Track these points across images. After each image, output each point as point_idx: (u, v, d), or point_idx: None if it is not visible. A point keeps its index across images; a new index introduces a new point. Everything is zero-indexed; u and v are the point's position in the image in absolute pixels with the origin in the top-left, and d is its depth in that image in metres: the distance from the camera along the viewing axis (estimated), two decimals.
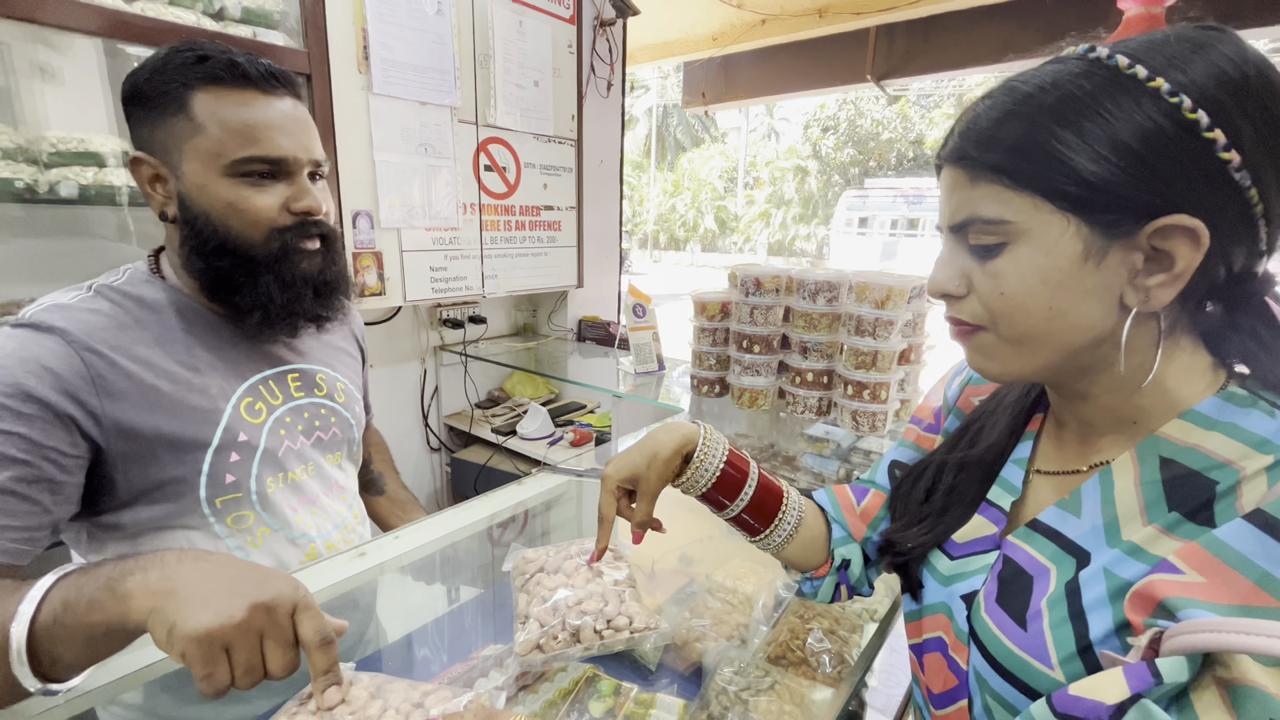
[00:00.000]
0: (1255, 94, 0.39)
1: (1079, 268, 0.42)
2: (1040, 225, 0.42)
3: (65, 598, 0.49)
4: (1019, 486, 0.55)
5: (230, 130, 0.68)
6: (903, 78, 3.16)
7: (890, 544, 0.62)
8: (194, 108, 0.68)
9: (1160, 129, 0.38)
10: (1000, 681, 0.48)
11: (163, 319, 0.72)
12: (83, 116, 1.32)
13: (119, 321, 0.69)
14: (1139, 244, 0.41)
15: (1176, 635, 0.34)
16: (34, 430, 0.60)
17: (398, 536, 0.92)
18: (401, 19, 1.65)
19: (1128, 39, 0.42)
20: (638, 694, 0.73)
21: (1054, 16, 2.42)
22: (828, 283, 1.33)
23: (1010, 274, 0.44)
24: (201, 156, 0.68)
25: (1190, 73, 0.39)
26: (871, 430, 1.32)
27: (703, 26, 3.37)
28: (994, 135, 0.43)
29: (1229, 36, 0.40)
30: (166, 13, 1.26)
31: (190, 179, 0.69)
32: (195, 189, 0.70)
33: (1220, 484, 0.41)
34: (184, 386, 0.71)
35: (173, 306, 0.73)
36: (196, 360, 0.73)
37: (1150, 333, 0.44)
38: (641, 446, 0.64)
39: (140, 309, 0.71)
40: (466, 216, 1.94)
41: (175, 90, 0.67)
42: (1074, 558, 0.46)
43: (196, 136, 0.68)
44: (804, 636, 0.83)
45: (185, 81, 0.68)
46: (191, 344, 0.73)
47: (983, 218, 0.44)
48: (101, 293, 0.70)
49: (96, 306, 0.68)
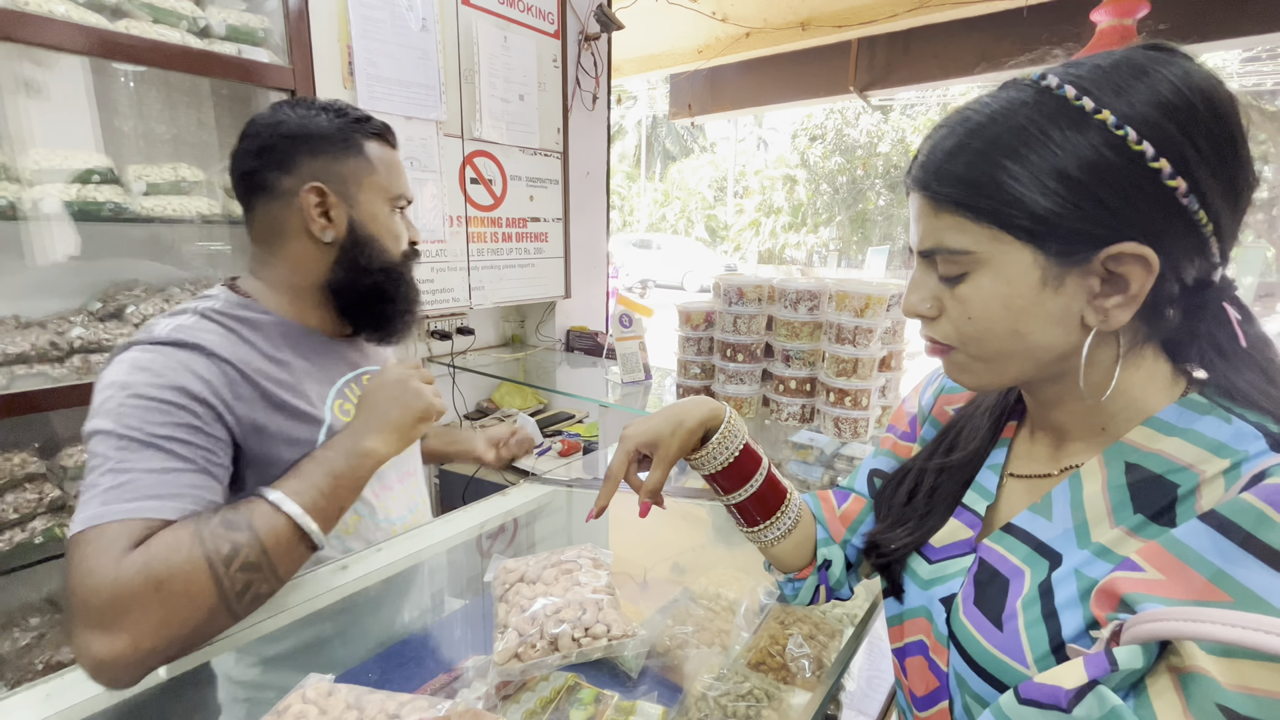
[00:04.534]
0: (1200, 119, 0.40)
1: (1039, 293, 0.44)
2: (1001, 255, 0.44)
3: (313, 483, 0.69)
4: (993, 491, 0.56)
5: (391, 172, 0.86)
6: (885, 89, 3.21)
7: (875, 545, 0.63)
8: (369, 153, 0.84)
9: (1107, 161, 0.40)
10: (979, 681, 0.49)
11: (265, 335, 0.81)
12: (67, 133, 1.33)
13: (232, 340, 0.77)
14: (1094, 269, 0.42)
15: (1133, 626, 0.35)
16: (205, 424, 0.69)
17: (380, 549, 0.92)
18: (386, 35, 1.67)
19: (1080, 62, 0.43)
20: (619, 701, 0.74)
21: (1029, 29, 2.48)
22: (809, 291, 1.34)
23: (975, 300, 0.46)
24: (376, 190, 0.85)
25: (1135, 102, 0.40)
26: (854, 436, 1.34)
27: (688, 40, 3.42)
28: (950, 168, 0.44)
29: (1177, 59, 0.42)
30: (151, 31, 1.26)
31: (365, 207, 0.84)
32: (368, 216, 0.84)
33: (1181, 487, 0.43)
34: (290, 392, 0.80)
35: (270, 324, 0.82)
36: (295, 369, 0.82)
37: (1111, 348, 0.46)
38: (666, 413, 0.64)
39: (245, 328, 0.79)
40: (453, 229, 1.95)
41: (356, 138, 0.83)
42: (1047, 560, 0.48)
43: (372, 175, 0.84)
44: (784, 642, 0.83)
45: (361, 132, 0.84)
46: (290, 356, 0.83)
47: (947, 248, 0.46)
48: (208, 316, 0.78)
49: (210, 328, 0.76)
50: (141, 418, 0.65)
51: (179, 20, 1.33)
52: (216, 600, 0.60)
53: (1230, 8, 2.23)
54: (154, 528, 0.60)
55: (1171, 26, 2.02)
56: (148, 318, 1.36)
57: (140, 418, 0.65)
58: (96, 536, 0.58)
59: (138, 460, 0.63)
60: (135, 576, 0.56)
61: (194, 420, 0.68)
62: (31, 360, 1.21)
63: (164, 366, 0.68)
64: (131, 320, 1.33)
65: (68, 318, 1.29)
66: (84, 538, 0.59)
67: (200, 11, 1.36)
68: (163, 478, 0.63)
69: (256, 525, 0.63)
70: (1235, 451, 0.41)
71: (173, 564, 0.58)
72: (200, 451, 0.67)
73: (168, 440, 0.65)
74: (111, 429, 0.64)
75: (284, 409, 0.78)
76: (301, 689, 0.56)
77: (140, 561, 0.57)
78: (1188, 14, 2.28)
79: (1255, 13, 2.23)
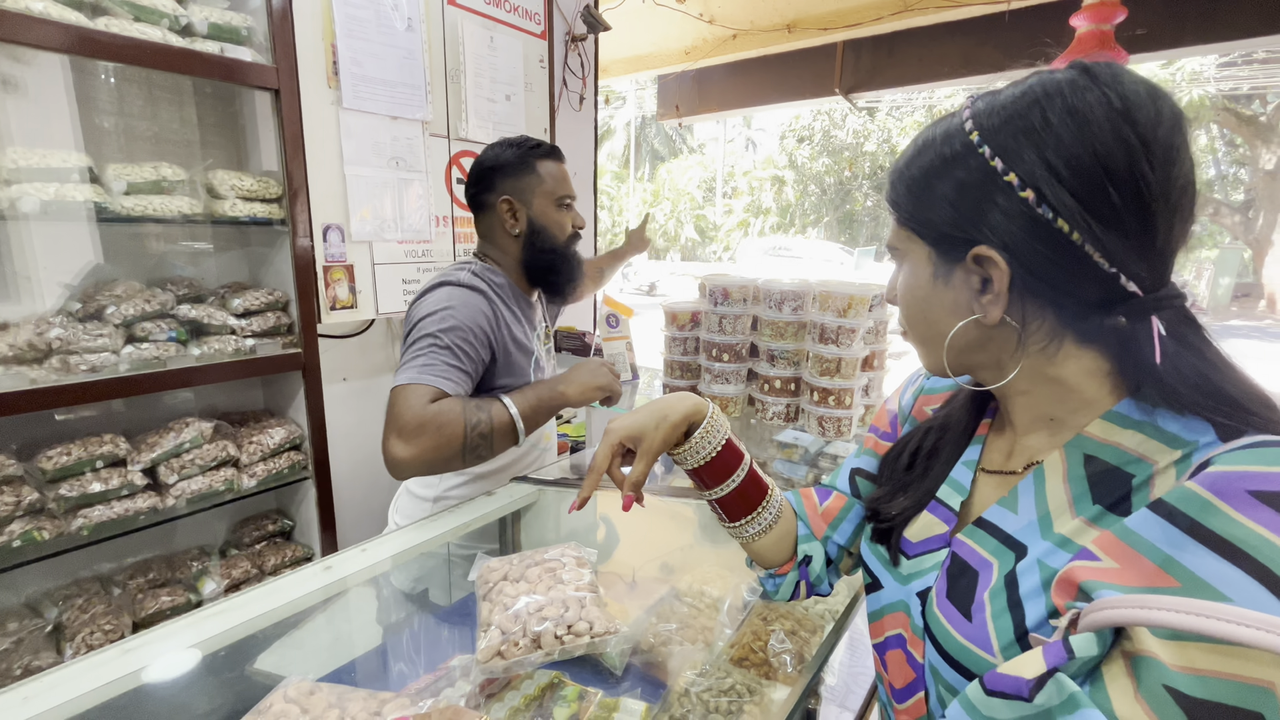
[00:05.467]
0: (1061, 141, 0.43)
1: (933, 285, 0.52)
2: (912, 251, 0.54)
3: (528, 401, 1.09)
4: (967, 486, 0.58)
5: (556, 181, 1.23)
6: (870, 91, 3.24)
7: (875, 511, 0.65)
8: (540, 170, 1.21)
9: (971, 177, 0.47)
10: (951, 672, 0.50)
11: (502, 292, 1.20)
12: (46, 131, 1.31)
13: (495, 292, 1.17)
14: (971, 268, 0.49)
15: (1088, 614, 0.37)
16: (482, 348, 1.10)
17: (364, 549, 0.92)
18: (371, 35, 1.66)
19: (998, 91, 0.49)
20: (602, 698, 0.74)
21: (1011, 33, 2.51)
22: (793, 292, 1.36)
23: (901, 289, 0.56)
24: (544, 196, 1.22)
25: (1005, 132, 0.45)
26: (838, 435, 1.36)
27: (675, 41, 3.43)
28: (895, 180, 0.54)
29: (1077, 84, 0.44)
30: (131, 29, 1.25)
31: (537, 208, 1.22)
32: (539, 213, 1.22)
33: (1136, 477, 0.44)
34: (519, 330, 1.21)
35: (505, 285, 1.22)
36: (518, 315, 1.23)
37: (1010, 341, 0.51)
38: (651, 408, 0.65)
39: (495, 285, 1.19)
40: (439, 229, 1.95)
41: (530, 160, 1.21)
42: (1013, 551, 0.49)
43: (541, 185, 1.21)
44: (767, 638, 0.84)
45: (534, 156, 1.22)
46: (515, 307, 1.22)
47: (890, 243, 0.57)
48: (478, 274, 1.17)
49: (482, 283, 1.16)
50: (451, 330, 1.06)
51: (160, 18, 1.31)
52: (461, 446, 1.00)
53: (1205, 14, 2.28)
54: (441, 395, 1.01)
55: (1148, 32, 2.07)
56: (128, 319, 1.34)
57: (451, 330, 1.06)
58: (414, 389, 0.99)
59: (440, 356, 1.04)
60: (431, 417, 0.97)
61: (474, 341, 1.08)
62: (9, 361, 1.19)
63: (466, 300, 1.10)
64: (111, 321, 1.32)
65: (47, 318, 1.27)
66: (406, 389, 1.00)
67: (182, 9, 1.35)
68: (450, 369, 1.04)
69: (494, 414, 1.03)
70: (1186, 442, 0.43)
71: (449, 417, 0.98)
72: (471, 362, 1.07)
73: (459, 349, 1.06)
74: (433, 330, 1.05)
75: (515, 342, 1.18)
76: (283, 688, 0.56)
77: (435, 410, 0.98)
78: (1164, 20, 2.32)
79: (1229, 19, 2.28)
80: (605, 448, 0.65)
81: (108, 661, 0.68)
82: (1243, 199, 12.52)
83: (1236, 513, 0.34)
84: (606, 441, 0.65)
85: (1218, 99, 10.02)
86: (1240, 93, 10.03)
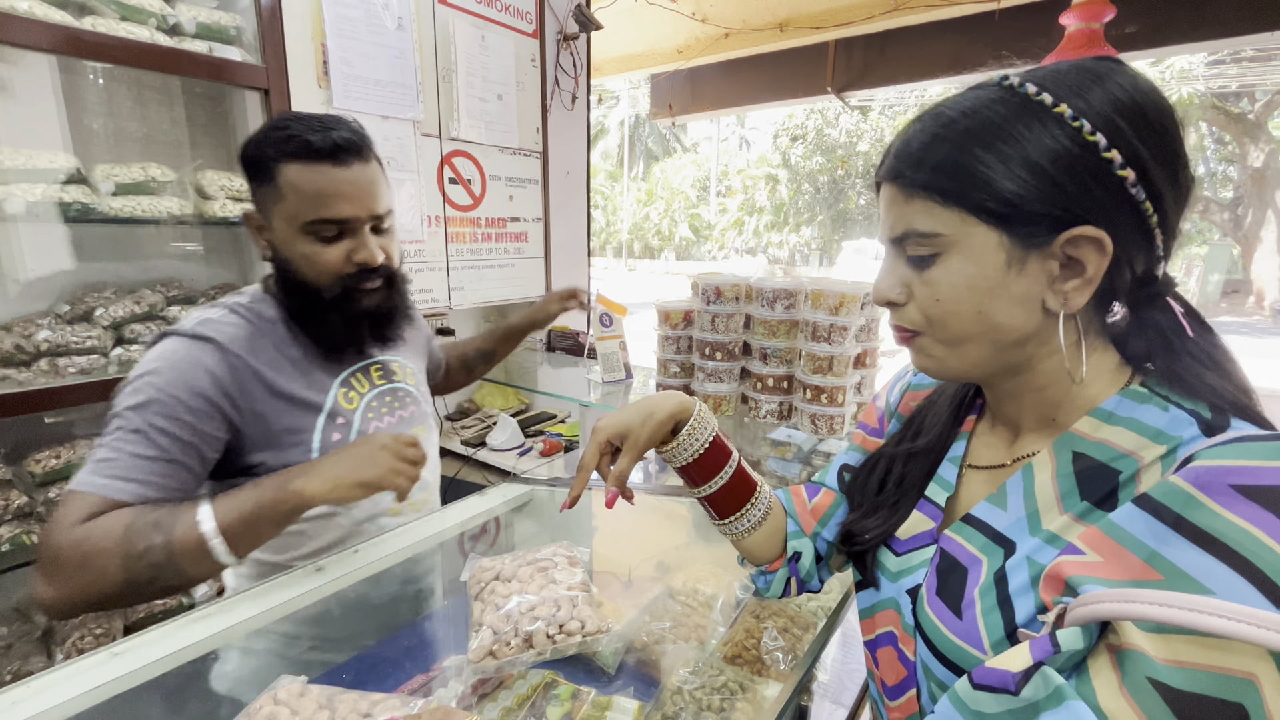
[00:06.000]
0: (1147, 118, 0.43)
1: (1003, 275, 0.46)
2: (968, 237, 0.46)
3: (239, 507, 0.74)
4: (953, 483, 0.58)
5: (304, 198, 0.83)
6: (861, 89, 3.25)
7: (849, 534, 0.65)
8: (280, 179, 0.82)
9: (1065, 150, 0.43)
10: (942, 669, 0.51)
11: (277, 329, 0.90)
12: (33, 132, 1.30)
13: (249, 332, 0.87)
14: (1054, 253, 0.45)
15: (1074, 608, 0.37)
16: (199, 420, 0.79)
17: (357, 550, 0.91)
18: (361, 34, 1.66)
19: (1036, 69, 0.47)
20: (595, 697, 0.74)
21: (1001, 32, 2.52)
22: (785, 290, 1.36)
23: (944, 282, 0.48)
24: (284, 218, 0.85)
25: (1090, 100, 0.43)
26: (830, 433, 1.36)
27: (668, 40, 3.43)
28: (923, 157, 0.47)
29: (1123, 68, 0.45)
30: (118, 28, 1.24)
31: (278, 234, 0.86)
32: (281, 243, 0.87)
33: (1123, 473, 0.45)
34: (294, 380, 0.89)
35: (283, 323, 0.91)
36: (302, 361, 0.91)
37: (1071, 334, 0.48)
38: (637, 405, 0.65)
39: (262, 322, 0.89)
40: (431, 229, 1.94)
41: (268, 164, 0.83)
42: (1002, 548, 0.49)
43: (281, 202, 0.84)
44: (759, 636, 0.85)
45: (275, 156, 0.82)
46: (298, 348, 0.91)
47: (918, 231, 0.48)
48: (235, 310, 0.88)
49: (233, 321, 0.86)
50: (144, 406, 0.76)
51: (147, 18, 1.31)
52: (123, 583, 0.70)
53: (1192, 13, 2.30)
54: (108, 506, 0.72)
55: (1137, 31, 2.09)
56: (118, 320, 1.33)
57: (143, 406, 0.76)
58: (70, 500, 0.72)
59: (127, 444, 0.75)
60: (72, 548, 0.69)
61: (183, 415, 0.78)
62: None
63: (181, 360, 0.80)
64: (100, 323, 1.31)
65: (34, 320, 1.27)
66: (66, 496, 0.72)
67: (169, 9, 1.34)
68: (139, 463, 0.74)
69: (176, 532, 0.71)
70: (1171, 438, 0.43)
71: (99, 548, 0.69)
72: (179, 444, 0.77)
73: (156, 432, 0.76)
74: (123, 408, 0.77)
75: (283, 397, 0.87)
76: (273, 690, 0.56)
77: (80, 536, 0.69)
78: (1152, 18, 2.34)
79: (1216, 18, 2.29)
80: (593, 446, 0.64)
81: (98, 665, 0.67)
82: (1232, 196, 12.62)
83: (1220, 507, 0.35)
84: (594, 440, 0.65)
85: (1206, 97, 10.10)
86: (1229, 90, 10.11)
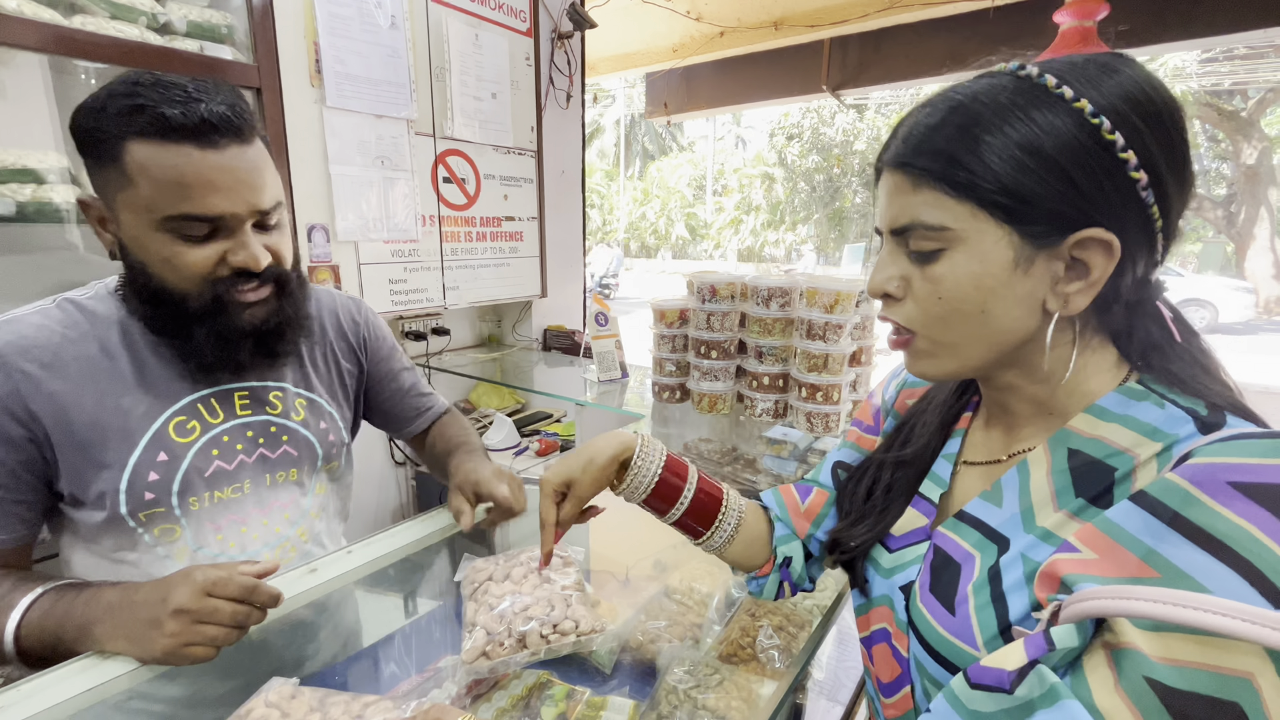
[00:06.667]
0: (1161, 118, 0.42)
1: (1010, 274, 0.45)
2: (977, 233, 0.44)
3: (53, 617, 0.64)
4: (947, 479, 0.58)
5: (161, 187, 0.64)
6: (857, 88, 3.25)
7: (836, 542, 0.65)
8: (126, 159, 0.63)
9: (1082, 145, 0.41)
10: (935, 666, 0.50)
11: (108, 337, 0.72)
12: (23, 132, 1.29)
13: (64, 337, 0.69)
14: (1061, 254, 0.44)
15: (1069, 606, 0.37)
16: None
17: (350, 551, 0.91)
18: (354, 32, 1.65)
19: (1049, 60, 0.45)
20: (590, 697, 0.74)
21: (995, 29, 2.53)
22: (780, 288, 1.36)
23: (948, 279, 0.46)
24: (134, 210, 0.65)
25: (1108, 95, 0.42)
26: (826, 431, 1.36)
27: (663, 38, 3.42)
28: (933, 143, 0.45)
29: (1136, 64, 0.44)
30: (108, 27, 1.24)
31: (126, 230, 0.67)
32: (131, 240, 0.67)
33: (1119, 470, 0.44)
34: (108, 408, 0.71)
35: (119, 325, 0.73)
36: (129, 380, 0.73)
37: (1067, 334, 0.48)
38: (579, 452, 0.67)
39: (90, 324, 0.72)
40: (426, 228, 1.94)
41: (110, 140, 0.63)
42: (996, 545, 0.49)
43: (127, 190, 0.64)
44: (755, 634, 0.85)
45: (119, 132, 0.63)
46: (128, 363, 0.73)
47: (924, 223, 0.46)
48: (62, 306, 0.72)
49: (47, 321, 0.70)
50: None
51: (138, 16, 1.30)
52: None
53: (1185, 10, 2.30)
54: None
55: (1131, 28, 2.09)
56: None
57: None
58: None
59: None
60: None
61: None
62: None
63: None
64: None
65: None
66: None
67: (160, 8, 1.34)
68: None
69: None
70: (1167, 435, 0.43)
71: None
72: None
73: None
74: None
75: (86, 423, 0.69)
76: (265, 692, 0.56)
77: None
78: (1145, 16, 2.34)
79: (1210, 14, 2.30)
80: (544, 501, 0.67)
81: (90, 667, 0.67)
82: (1225, 194, 12.68)
83: (1217, 504, 0.34)
84: (542, 494, 0.67)
85: (1200, 94, 10.14)
86: (1222, 88, 10.15)
